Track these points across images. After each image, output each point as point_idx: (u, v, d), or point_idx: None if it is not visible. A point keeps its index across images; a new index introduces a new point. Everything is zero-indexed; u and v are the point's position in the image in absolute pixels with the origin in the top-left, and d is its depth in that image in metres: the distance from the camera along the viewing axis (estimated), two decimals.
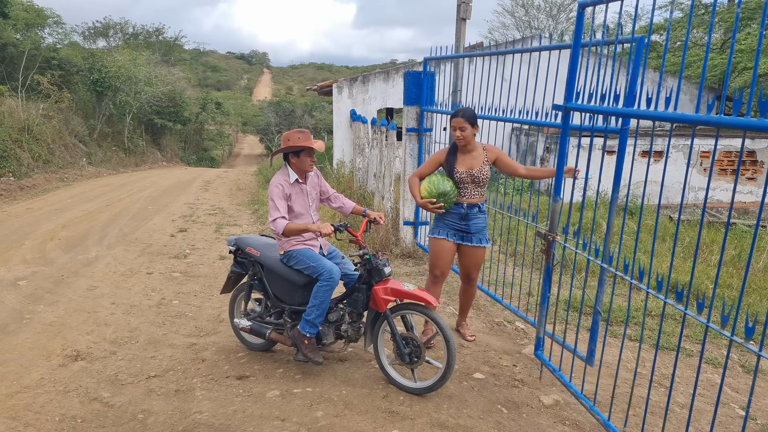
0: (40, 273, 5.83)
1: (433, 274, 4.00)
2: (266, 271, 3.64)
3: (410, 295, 3.23)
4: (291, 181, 3.48)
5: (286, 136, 3.44)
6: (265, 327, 3.66)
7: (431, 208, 3.83)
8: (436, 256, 3.96)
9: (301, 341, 3.44)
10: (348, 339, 3.53)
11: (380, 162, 8.33)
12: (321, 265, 3.36)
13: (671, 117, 2.33)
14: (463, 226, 3.92)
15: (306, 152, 3.44)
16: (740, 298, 2.08)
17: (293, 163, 3.49)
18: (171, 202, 11.03)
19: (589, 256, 3.04)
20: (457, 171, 3.85)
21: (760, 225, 2.32)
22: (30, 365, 3.71)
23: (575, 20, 3.07)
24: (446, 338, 3.15)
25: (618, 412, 3.13)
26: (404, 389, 3.35)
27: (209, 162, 29.78)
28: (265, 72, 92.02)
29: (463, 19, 6.28)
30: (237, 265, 3.82)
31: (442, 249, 3.93)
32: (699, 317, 2.24)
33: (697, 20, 16.43)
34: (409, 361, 3.31)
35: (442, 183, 3.82)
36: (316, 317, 3.36)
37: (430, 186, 3.83)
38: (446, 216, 3.93)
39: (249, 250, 3.67)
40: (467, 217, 3.90)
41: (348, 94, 14.05)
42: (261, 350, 3.91)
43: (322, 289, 3.32)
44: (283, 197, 3.40)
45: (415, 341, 3.30)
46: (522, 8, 28.59)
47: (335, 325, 3.53)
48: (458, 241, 3.95)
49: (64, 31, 20.53)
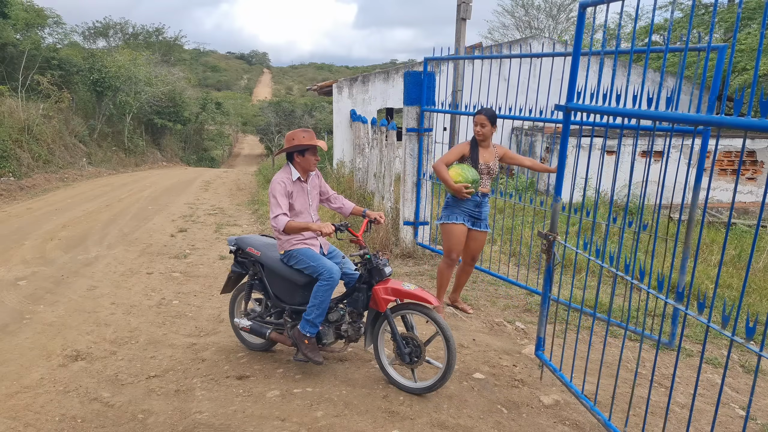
0: (40, 273, 5.83)
1: (451, 257, 4.43)
2: (266, 270, 3.64)
3: (410, 294, 3.23)
4: (293, 179, 3.50)
5: (291, 135, 3.46)
6: (265, 327, 3.66)
7: (464, 192, 4.20)
8: (456, 240, 4.37)
9: (301, 341, 3.44)
10: (348, 339, 3.52)
11: (380, 162, 8.32)
12: (321, 265, 3.36)
13: (671, 117, 2.33)
14: (476, 213, 4.40)
15: (311, 151, 3.48)
16: (741, 298, 2.08)
17: (297, 162, 3.51)
18: (171, 202, 11.03)
19: (589, 256, 3.04)
20: (480, 163, 4.32)
21: (760, 225, 2.32)
22: (30, 365, 3.70)
23: (576, 20, 3.07)
24: (446, 338, 3.14)
25: (618, 412, 3.12)
26: (404, 389, 3.35)
27: (209, 162, 29.79)
28: (265, 72, 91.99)
29: (463, 19, 6.28)
30: (237, 265, 3.82)
31: (461, 233, 4.37)
32: (700, 317, 2.24)
33: (697, 20, 16.42)
34: (409, 361, 3.31)
35: (472, 171, 4.24)
36: (316, 317, 3.36)
37: (464, 173, 4.22)
38: (462, 203, 4.35)
39: (249, 250, 3.67)
40: (481, 205, 4.40)
41: (348, 94, 14.04)
42: (261, 350, 3.91)
43: (322, 289, 3.32)
44: (285, 194, 3.42)
45: (415, 341, 3.30)
46: (522, 8, 28.58)
47: (335, 325, 3.52)
48: (470, 226, 4.40)
49: (64, 31, 20.57)
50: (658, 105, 2.44)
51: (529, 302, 5.07)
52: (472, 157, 4.32)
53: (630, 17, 20.72)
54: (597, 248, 2.95)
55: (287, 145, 3.46)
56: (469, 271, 4.70)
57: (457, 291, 4.79)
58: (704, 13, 16.39)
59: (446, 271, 4.50)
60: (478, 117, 4.28)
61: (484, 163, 4.33)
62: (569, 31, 27.20)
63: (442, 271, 4.52)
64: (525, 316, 4.77)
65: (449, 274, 4.52)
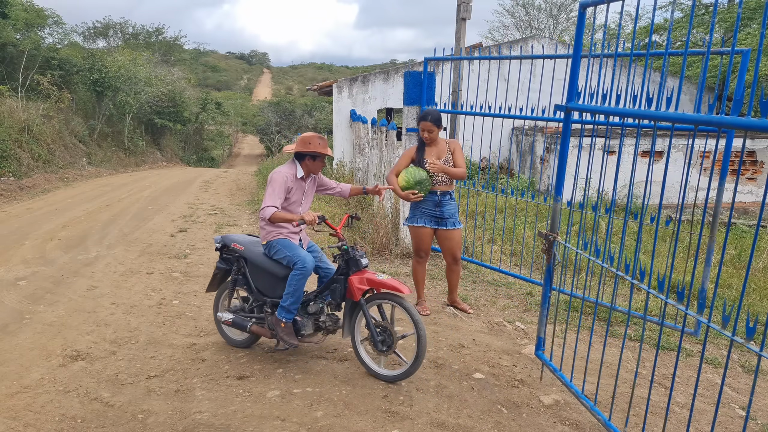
0: (40, 273, 5.83)
1: (419, 255, 4.62)
2: (250, 265, 3.79)
3: (384, 284, 3.39)
4: (297, 177, 3.63)
5: (308, 139, 3.58)
6: (246, 320, 3.79)
7: (412, 198, 4.31)
8: (419, 241, 4.54)
9: (277, 324, 3.60)
10: (326, 330, 3.67)
11: (380, 162, 8.33)
12: (296, 254, 3.52)
13: (671, 117, 2.33)
14: (438, 212, 4.44)
15: (322, 157, 3.65)
16: (741, 298, 2.08)
17: (306, 164, 3.65)
18: (171, 202, 11.03)
19: (590, 256, 3.04)
20: (427, 162, 4.38)
21: (760, 225, 2.32)
22: (30, 365, 3.70)
23: (576, 20, 3.07)
24: (415, 322, 3.30)
25: (618, 412, 3.12)
26: (380, 378, 3.50)
27: (209, 162, 29.79)
28: (265, 72, 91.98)
29: (463, 19, 6.27)
30: (222, 262, 3.95)
31: (423, 234, 4.50)
32: (700, 317, 2.24)
33: (697, 20, 16.42)
34: (381, 349, 3.45)
35: (417, 173, 4.31)
36: (291, 304, 3.52)
37: (407, 177, 4.31)
38: (422, 204, 4.44)
39: (234, 245, 3.82)
40: (441, 204, 4.43)
41: (348, 94, 14.04)
42: (242, 346, 3.99)
43: (296, 278, 3.47)
44: (284, 188, 3.55)
45: (388, 330, 3.45)
46: (522, 8, 28.55)
47: (314, 317, 3.67)
48: (434, 226, 4.48)
49: (64, 31, 20.53)
50: (659, 105, 2.44)
51: (529, 302, 5.08)
52: (418, 159, 4.43)
53: (630, 17, 20.71)
54: (597, 248, 2.95)
55: (303, 148, 3.57)
56: (455, 270, 4.71)
57: (452, 292, 4.83)
58: (704, 13, 16.38)
59: (417, 268, 4.68)
60: (424, 124, 4.36)
61: (435, 160, 4.40)
62: (569, 31, 27.19)
63: (414, 268, 4.71)
64: (525, 316, 4.77)
65: (420, 270, 4.67)
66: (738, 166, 2.34)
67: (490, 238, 6.91)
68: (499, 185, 6.37)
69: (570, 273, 5.36)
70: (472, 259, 5.89)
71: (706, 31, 16.70)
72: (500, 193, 5.74)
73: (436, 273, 5.82)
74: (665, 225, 3.29)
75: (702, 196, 10.54)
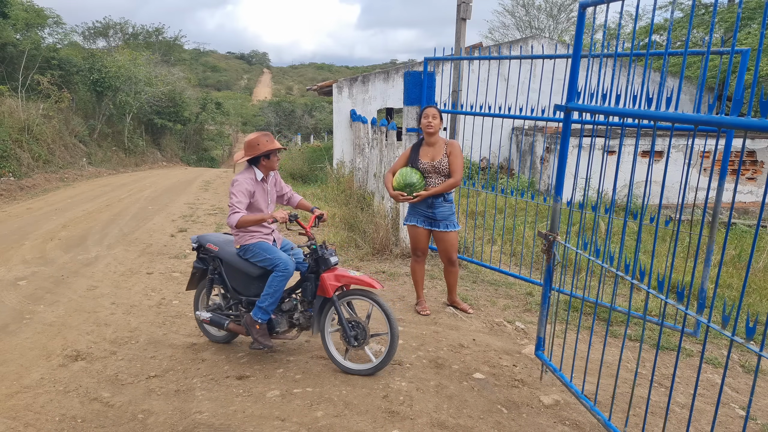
0: (40, 273, 5.83)
1: (416, 255, 4.64)
2: (225, 265, 3.84)
3: (356, 280, 3.44)
4: (257, 179, 3.66)
5: (255, 141, 3.59)
6: (223, 318, 3.83)
7: (401, 198, 4.36)
8: (415, 240, 4.57)
9: (252, 326, 3.61)
10: (300, 327, 3.73)
11: (380, 162, 8.33)
12: (277, 257, 3.54)
13: (671, 117, 2.33)
14: (430, 213, 4.43)
15: (274, 152, 3.65)
16: (741, 298, 2.08)
17: (263, 164, 3.67)
18: (171, 202, 11.03)
19: (590, 256, 3.04)
20: (421, 162, 4.36)
21: (760, 225, 2.32)
22: (30, 365, 3.70)
23: (576, 20, 3.07)
24: (387, 316, 3.37)
25: (618, 412, 3.12)
26: (350, 372, 3.56)
27: (209, 162, 29.78)
28: (265, 72, 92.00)
29: (463, 19, 6.28)
30: (199, 261, 4.01)
31: (418, 234, 4.52)
32: (700, 317, 2.24)
33: (697, 20, 16.42)
34: (353, 344, 3.52)
35: (409, 175, 4.31)
36: (269, 305, 3.55)
37: (399, 178, 4.34)
38: (416, 205, 4.44)
39: (209, 246, 3.87)
40: (433, 205, 4.40)
41: (348, 94, 14.04)
42: (222, 342, 4.07)
43: (278, 279, 3.50)
44: (247, 194, 3.58)
45: (361, 325, 3.51)
46: (522, 8, 28.54)
47: (288, 314, 3.71)
48: (428, 227, 4.48)
49: (64, 31, 20.53)
50: (659, 105, 2.44)
51: (529, 302, 5.08)
52: (411, 159, 4.41)
53: (630, 17, 20.71)
54: (597, 248, 2.95)
55: (253, 152, 3.59)
56: (452, 272, 4.68)
57: (451, 292, 4.82)
58: (704, 13, 16.38)
59: (415, 267, 4.68)
60: (429, 109, 4.29)
61: (429, 162, 4.34)
62: (569, 31, 27.18)
63: (412, 268, 4.72)
64: (525, 316, 4.77)
65: (419, 270, 4.68)
66: (738, 166, 2.33)
67: (490, 238, 6.91)
68: (499, 185, 6.36)
69: (570, 273, 5.36)
70: (472, 259, 5.90)
71: (706, 31, 16.71)
72: (500, 193, 5.74)
73: (436, 273, 5.82)
74: (665, 225, 3.29)
75: (702, 196, 10.54)
